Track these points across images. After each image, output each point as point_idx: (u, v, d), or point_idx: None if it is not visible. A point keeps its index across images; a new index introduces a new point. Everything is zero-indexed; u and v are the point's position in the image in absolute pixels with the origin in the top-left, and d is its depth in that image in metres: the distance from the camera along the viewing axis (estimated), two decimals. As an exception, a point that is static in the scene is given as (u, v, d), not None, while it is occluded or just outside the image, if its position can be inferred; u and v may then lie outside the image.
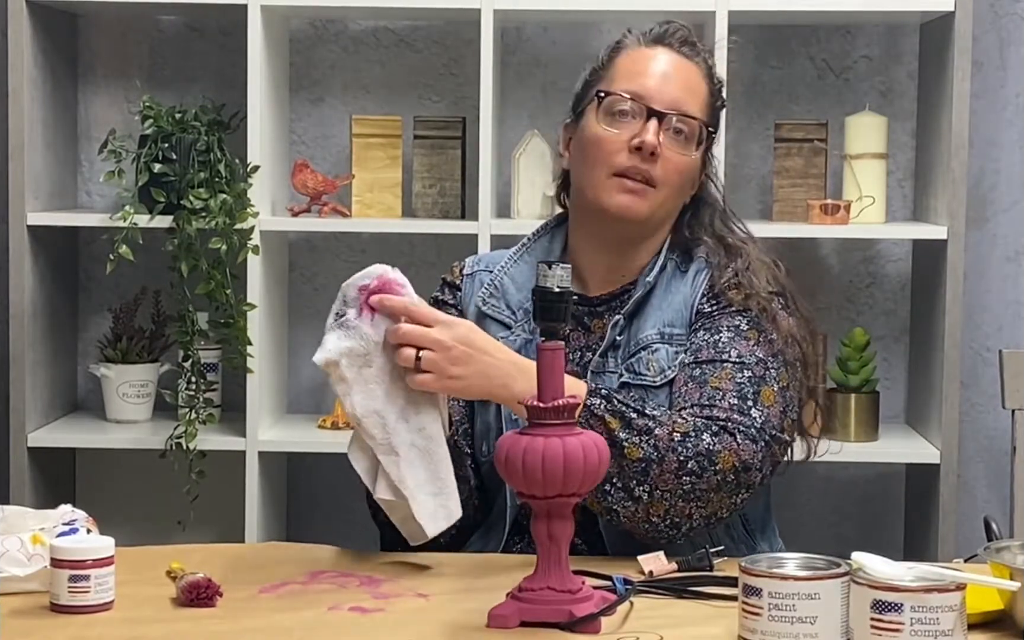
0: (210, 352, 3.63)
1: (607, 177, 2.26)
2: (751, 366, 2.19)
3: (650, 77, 2.29)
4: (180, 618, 1.88)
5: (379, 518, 2.23)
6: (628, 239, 2.31)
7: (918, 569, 1.73)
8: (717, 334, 2.23)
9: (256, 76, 3.48)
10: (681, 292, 2.29)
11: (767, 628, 1.73)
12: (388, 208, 3.61)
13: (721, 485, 2.11)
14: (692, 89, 2.31)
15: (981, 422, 3.84)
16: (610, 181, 2.26)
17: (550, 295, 1.86)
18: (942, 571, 1.72)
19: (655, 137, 2.25)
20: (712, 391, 2.16)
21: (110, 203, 3.67)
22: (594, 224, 2.32)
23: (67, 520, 2.01)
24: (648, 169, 2.25)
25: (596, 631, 1.81)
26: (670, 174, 2.27)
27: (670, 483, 2.09)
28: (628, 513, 2.11)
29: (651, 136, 2.25)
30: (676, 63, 2.31)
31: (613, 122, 2.28)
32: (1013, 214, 3.83)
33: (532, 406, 1.84)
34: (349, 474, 3.75)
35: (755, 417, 2.14)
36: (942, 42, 3.53)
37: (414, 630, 1.84)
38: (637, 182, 2.26)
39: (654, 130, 2.25)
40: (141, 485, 3.77)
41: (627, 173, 2.26)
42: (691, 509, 2.11)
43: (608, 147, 2.27)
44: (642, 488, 2.10)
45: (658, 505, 2.10)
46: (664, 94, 2.28)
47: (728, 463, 2.11)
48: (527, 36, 3.83)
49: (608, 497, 2.10)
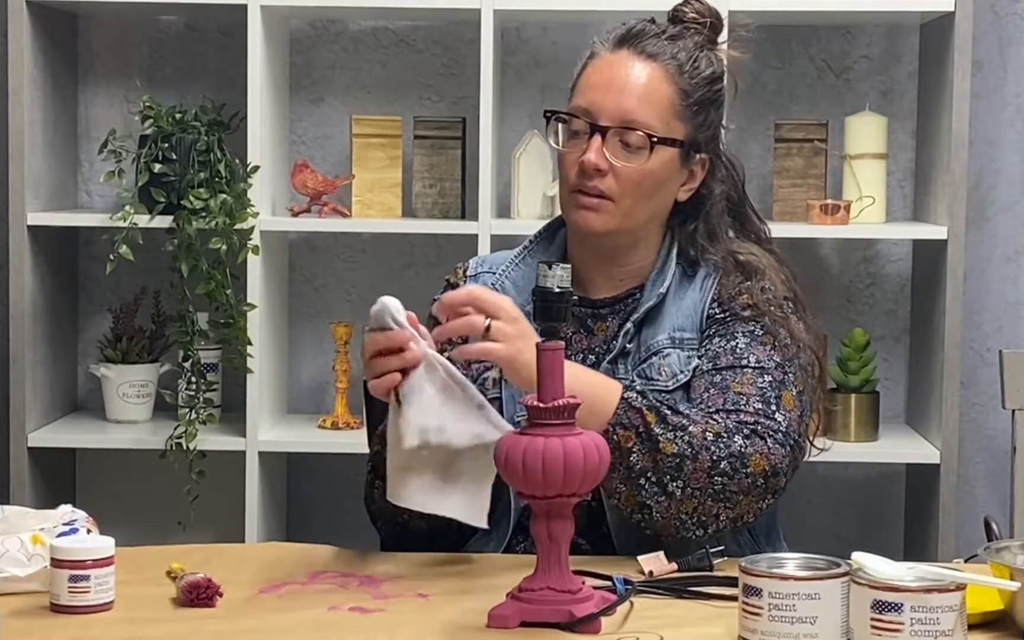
0: (210, 352, 3.63)
1: (568, 193, 2.27)
2: (770, 371, 2.19)
3: (599, 89, 2.26)
4: (180, 618, 1.88)
5: (405, 526, 2.22)
6: (611, 248, 2.30)
7: (918, 569, 1.73)
8: (733, 340, 2.22)
9: (256, 76, 3.48)
10: (690, 297, 2.28)
11: (767, 628, 1.72)
12: (388, 208, 3.62)
13: (751, 488, 2.10)
14: (644, 94, 2.24)
15: (981, 422, 3.84)
16: (570, 197, 2.27)
17: (550, 295, 1.85)
18: (942, 571, 1.72)
19: (596, 154, 2.22)
20: (735, 396, 2.16)
21: (110, 203, 3.67)
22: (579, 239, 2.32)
23: (67, 520, 2.01)
24: (597, 185, 2.24)
25: (596, 631, 1.81)
26: (625, 185, 2.24)
27: (702, 481, 2.09)
28: (661, 508, 2.10)
29: (591, 154, 2.23)
30: (631, 69, 2.26)
31: (568, 139, 2.27)
32: (1013, 214, 3.83)
33: (532, 406, 1.83)
34: (349, 474, 3.77)
35: (780, 421, 2.14)
36: (942, 42, 3.53)
37: (414, 630, 1.84)
38: (591, 198, 2.24)
39: (596, 147, 2.23)
40: (141, 485, 3.77)
41: (580, 189, 2.25)
42: (719, 510, 2.10)
43: (566, 165, 2.27)
44: (675, 484, 2.09)
45: (688, 502, 2.09)
46: (609, 106, 2.24)
47: (759, 467, 2.11)
48: (527, 36, 3.83)
49: (642, 491, 2.09)
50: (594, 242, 2.29)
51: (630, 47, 2.27)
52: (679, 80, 2.27)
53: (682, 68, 2.27)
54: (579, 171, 2.24)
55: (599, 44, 2.31)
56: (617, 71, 2.26)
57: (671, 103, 2.26)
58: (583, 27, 3.82)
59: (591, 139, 2.24)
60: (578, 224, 2.26)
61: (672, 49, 2.28)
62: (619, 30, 2.30)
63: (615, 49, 2.28)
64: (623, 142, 2.24)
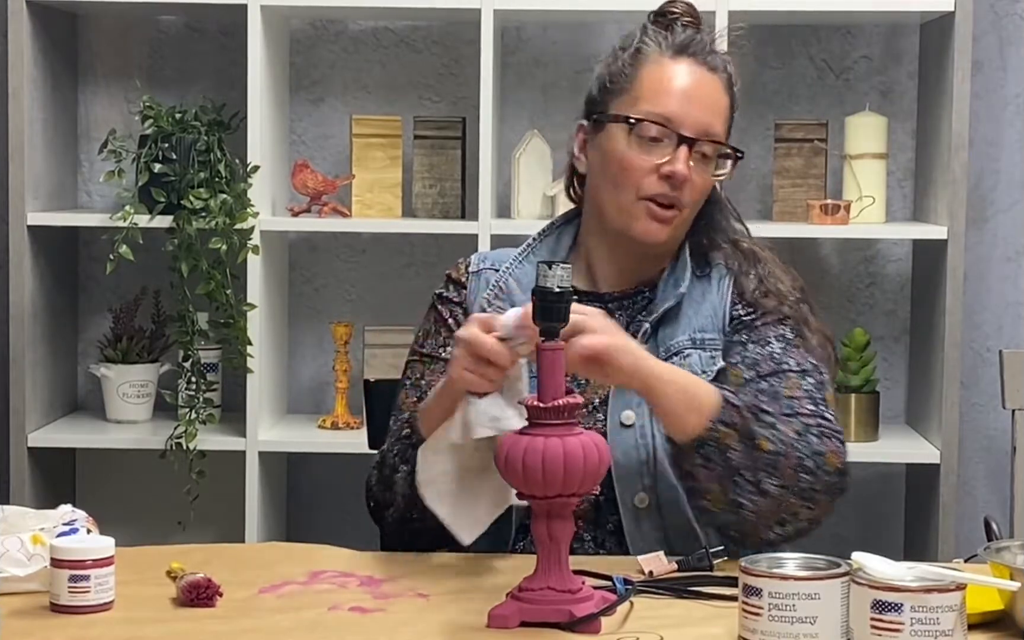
0: (210, 352, 3.63)
1: (634, 201, 2.23)
2: (811, 373, 2.20)
3: (678, 98, 2.23)
4: (180, 618, 1.88)
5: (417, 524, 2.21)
6: (644, 253, 2.29)
7: (918, 569, 1.73)
8: (767, 346, 2.22)
9: (256, 76, 3.48)
10: (708, 298, 2.28)
11: (767, 628, 1.72)
12: (388, 208, 3.62)
13: (828, 487, 2.12)
14: (717, 108, 2.25)
15: (981, 422, 3.84)
16: (637, 205, 2.23)
17: (550, 295, 1.85)
18: (942, 571, 1.72)
19: (686, 166, 2.21)
20: (788, 400, 2.16)
21: (110, 203, 3.67)
22: (611, 238, 2.29)
23: (67, 520, 2.01)
24: (676, 195, 2.22)
25: (596, 631, 1.81)
26: (695, 196, 2.24)
27: (790, 479, 2.09)
28: (754, 507, 2.09)
29: (682, 165, 2.20)
30: (701, 79, 2.25)
31: (642, 146, 2.22)
32: (1013, 214, 3.83)
33: (532, 406, 1.83)
34: (349, 474, 3.77)
35: (832, 420, 2.16)
36: (942, 42, 3.53)
37: (414, 630, 1.84)
38: (664, 208, 2.22)
39: (684, 158, 2.21)
40: (141, 485, 3.77)
41: (655, 198, 2.22)
42: (801, 508, 2.11)
43: (637, 173, 2.22)
44: (770, 481, 2.08)
45: (777, 499, 2.09)
46: (692, 117, 2.22)
47: (833, 465, 2.12)
48: (527, 36, 3.83)
49: (737, 488, 2.08)
50: (642, 248, 2.27)
51: (693, 57, 2.25)
52: (730, 92, 2.29)
53: (731, 80, 2.29)
54: (658, 180, 2.21)
55: (650, 45, 2.26)
56: (690, 81, 2.24)
57: (728, 114, 2.28)
58: (583, 27, 3.82)
59: (677, 150, 2.21)
60: (647, 234, 2.23)
61: (724, 61, 2.28)
62: (674, 36, 2.26)
63: (676, 57, 2.25)
64: (702, 154, 2.23)
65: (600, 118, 2.27)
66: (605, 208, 2.27)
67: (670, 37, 2.26)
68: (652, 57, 2.25)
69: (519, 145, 3.62)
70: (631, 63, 2.26)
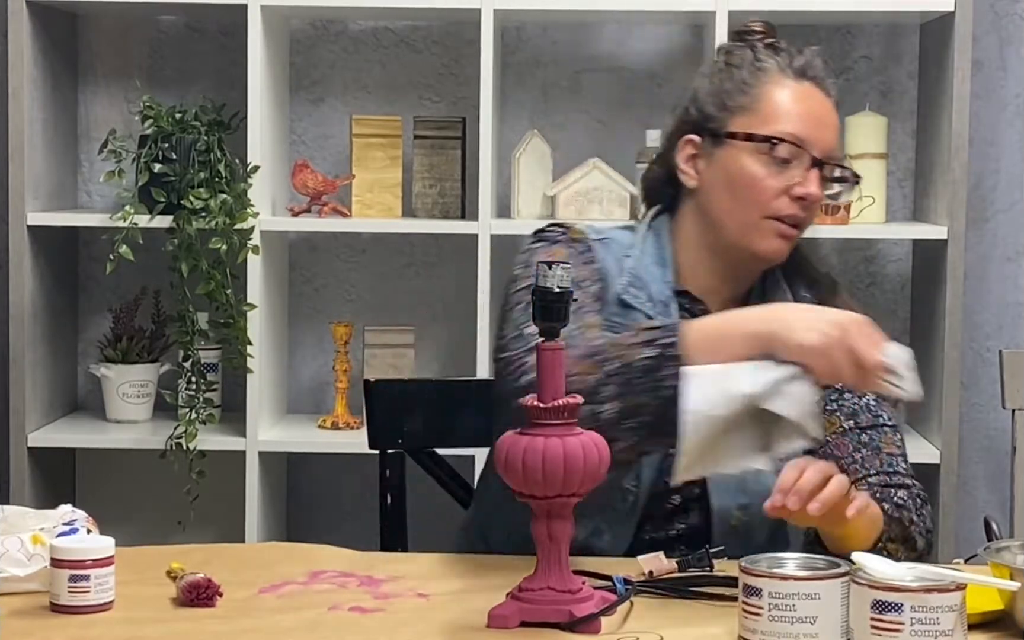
0: (210, 352, 3.63)
1: (760, 219, 2.22)
2: (898, 427, 2.27)
3: (808, 121, 2.23)
4: (180, 618, 1.88)
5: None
6: (751, 270, 2.30)
7: (918, 569, 1.73)
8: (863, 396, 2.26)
9: (256, 76, 3.48)
10: None
11: (767, 628, 1.72)
12: (388, 208, 3.61)
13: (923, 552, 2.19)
14: (837, 131, 2.28)
15: (981, 422, 3.84)
16: (764, 223, 2.22)
17: (550, 295, 1.85)
18: (942, 571, 1.72)
19: (819, 188, 2.22)
20: (888, 457, 2.22)
21: (110, 203, 3.67)
22: (719, 251, 2.27)
23: (67, 520, 2.01)
24: (804, 216, 2.24)
25: (596, 631, 1.81)
26: (813, 216, 2.26)
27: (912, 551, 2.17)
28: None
29: (815, 187, 2.22)
30: (824, 104, 2.26)
31: (774, 166, 2.21)
32: (1013, 214, 3.83)
33: (532, 406, 1.83)
34: (349, 474, 3.77)
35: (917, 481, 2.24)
36: (942, 42, 3.53)
37: (414, 630, 1.84)
38: (791, 227, 2.24)
39: (817, 180, 2.22)
40: (141, 485, 3.77)
41: (783, 218, 2.23)
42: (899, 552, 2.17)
43: (768, 192, 2.21)
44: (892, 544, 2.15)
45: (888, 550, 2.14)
46: (822, 140, 2.23)
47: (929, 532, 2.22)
48: (527, 36, 3.83)
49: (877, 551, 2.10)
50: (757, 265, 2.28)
51: (814, 81, 2.26)
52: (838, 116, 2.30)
53: (838, 104, 2.30)
54: (789, 201, 2.21)
55: (769, 64, 2.26)
56: (816, 104, 2.25)
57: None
58: (583, 27, 3.82)
59: (809, 171, 2.21)
60: (772, 252, 2.24)
61: (834, 86, 2.29)
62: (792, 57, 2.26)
63: (799, 79, 2.25)
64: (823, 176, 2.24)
65: (724, 135, 2.24)
66: (724, 224, 2.25)
67: (787, 58, 2.26)
68: (775, 77, 2.25)
69: (519, 145, 3.62)
70: (751, 81, 2.25)
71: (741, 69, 2.26)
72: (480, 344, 3.49)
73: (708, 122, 2.27)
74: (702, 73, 2.32)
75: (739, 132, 2.23)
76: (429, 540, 3.37)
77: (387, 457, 2.59)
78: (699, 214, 2.28)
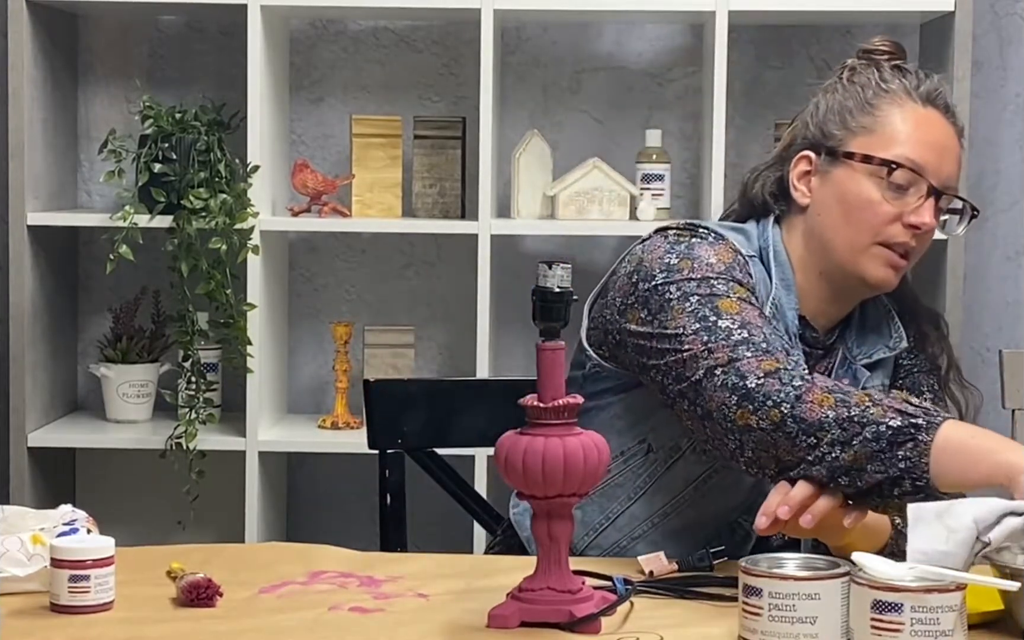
0: (210, 352, 3.63)
1: (871, 243, 2.18)
2: None
3: (931, 148, 2.18)
4: (180, 618, 1.88)
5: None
6: (858, 294, 2.27)
7: (918, 569, 1.73)
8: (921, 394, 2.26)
9: (256, 76, 3.48)
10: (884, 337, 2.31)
11: (767, 628, 1.72)
12: (388, 208, 3.62)
13: None
14: (959, 162, 2.22)
15: (981, 422, 3.82)
16: (875, 249, 2.18)
17: (550, 295, 1.85)
18: (942, 571, 1.72)
19: (934, 218, 2.18)
20: None
21: (110, 203, 3.67)
22: (830, 275, 2.23)
23: (67, 520, 2.00)
24: (916, 246, 2.20)
25: (596, 631, 1.80)
26: (925, 246, 2.22)
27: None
28: None
29: (930, 217, 2.17)
30: (948, 133, 2.21)
31: (891, 191, 2.17)
32: (1013, 214, 3.83)
33: (532, 406, 1.83)
34: (349, 474, 3.77)
35: None
36: (942, 42, 3.53)
37: (414, 630, 1.84)
38: (901, 258, 2.19)
39: (932, 210, 2.17)
40: (141, 485, 3.77)
41: (893, 246, 2.18)
42: None
43: (882, 218, 2.17)
44: None
45: None
46: (942, 171, 2.18)
47: None
48: (527, 36, 3.83)
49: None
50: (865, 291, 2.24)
51: (939, 108, 2.21)
52: (962, 144, 2.25)
53: (962, 133, 2.25)
54: (902, 228, 2.17)
55: (897, 87, 2.21)
56: (939, 132, 2.20)
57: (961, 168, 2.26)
58: (583, 27, 3.82)
59: (926, 200, 2.17)
60: (880, 279, 2.19)
61: (960, 116, 2.25)
62: (919, 81, 2.21)
63: (926, 105, 2.20)
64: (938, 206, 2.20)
65: (839, 153, 2.20)
66: (834, 245, 2.21)
67: (913, 80, 2.22)
68: (899, 100, 2.20)
69: (519, 145, 3.62)
70: (875, 102, 2.20)
71: (866, 89, 2.21)
72: (480, 344, 3.49)
73: (827, 140, 2.22)
74: (824, 88, 2.27)
75: (857, 152, 2.18)
76: (429, 540, 3.37)
77: (387, 457, 2.59)
78: (808, 235, 2.24)
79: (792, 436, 1.96)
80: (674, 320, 2.10)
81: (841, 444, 1.94)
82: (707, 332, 2.06)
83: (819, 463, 1.95)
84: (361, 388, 2.68)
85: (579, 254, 3.75)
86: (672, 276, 2.13)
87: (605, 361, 2.23)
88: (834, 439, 1.94)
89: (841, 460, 1.94)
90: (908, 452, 1.92)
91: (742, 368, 2.02)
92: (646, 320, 2.13)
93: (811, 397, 1.97)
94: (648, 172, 3.61)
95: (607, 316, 2.20)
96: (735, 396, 2.01)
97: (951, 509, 1.81)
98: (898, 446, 1.92)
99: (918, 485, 1.92)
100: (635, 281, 2.16)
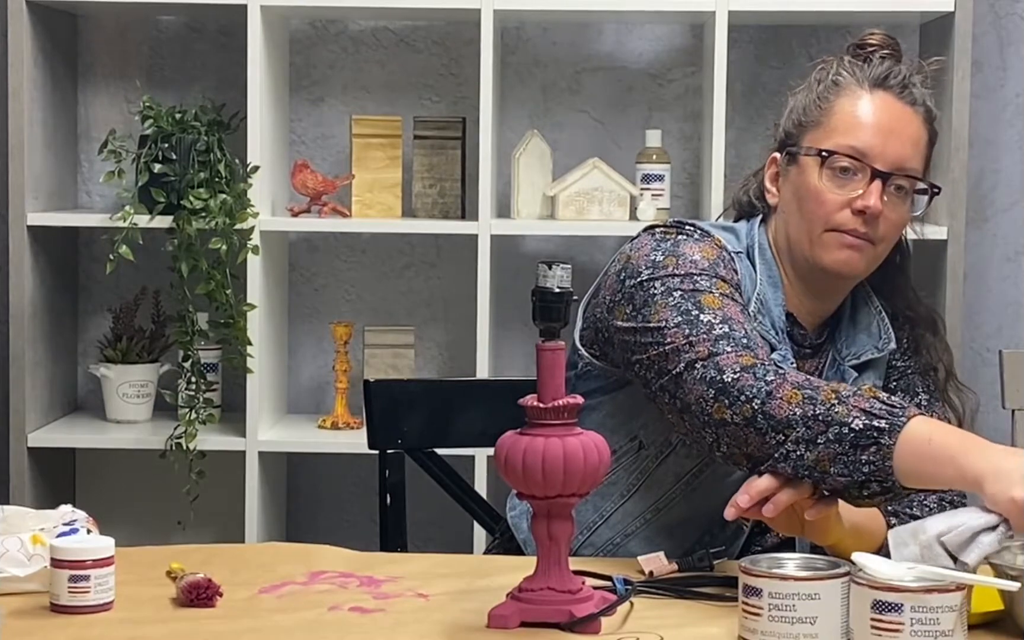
0: (210, 352, 3.63)
1: (822, 232, 2.21)
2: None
3: (873, 132, 2.20)
4: (180, 618, 1.88)
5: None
6: (838, 289, 2.28)
7: (918, 569, 1.73)
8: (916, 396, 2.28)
9: (256, 76, 3.48)
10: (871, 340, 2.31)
11: (767, 628, 1.72)
12: (388, 208, 3.62)
13: None
14: (914, 142, 2.22)
15: (981, 422, 3.82)
16: (827, 236, 2.20)
17: (550, 295, 1.85)
18: (942, 571, 1.72)
19: (878, 200, 2.18)
20: None
21: (110, 203, 3.67)
22: (801, 272, 2.26)
23: (67, 520, 2.00)
24: (868, 230, 2.20)
25: (596, 631, 1.80)
26: (889, 231, 2.22)
27: None
28: None
29: (874, 200, 2.18)
30: (899, 113, 2.22)
31: (834, 179, 2.20)
32: (1013, 214, 3.83)
33: (532, 406, 1.83)
34: (349, 474, 3.77)
35: None
36: (942, 42, 3.53)
37: (414, 630, 1.84)
38: (856, 239, 2.20)
39: (877, 193, 2.18)
40: (141, 485, 3.77)
41: (845, 232, 2.20)
42: None
43: (829, 206, 2.20)
44: None
45: None
46: (887, 152, 2.19)
47: None
48: (527, 36, 3.83)
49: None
50: (835, 282, 2.25)
51: (890, 90, 2.22)
52: (928, 126, 2.26)
53: (930, 114, 2.26)
54: (851, 214, 2.19)
55: (846, 77, 2.24)
56: (886, 115, 2.21)
57: (926, 149, 2.25)
58: (583, 27, 3.82)
59: (871, 184, 2.19)
60: (838, 264, 2.21)
61: (923, 94, 2.25)
62: (872, 68, 2.24)
63: (874, 89, 2.22)
64: (897, 187, 2.21)
65: (794, 151, 2.25)
66: (795, 239, 2.24)
67: (867, 69, 2.24)
68: (848, 89, 2.23)
69: (519, 145, 3.62)
70: (826, 96, 2.24)
71: (821, 84, 2.25)
72: (480, 344, 3.49)
73: (788, 140, 2.27)
74: (793, 90, 2.31)
75: (803, 147, 2.23)
76: (429, 540, 3.38)
77: (387, 457, 2.59)
78: (781, 232, 2.28)
79: (762, 432, 1.98)
80: (657, 314, 2.12)
81: (806, 442, 1.95)
82: (689, 326, 2.08)
83: (784, 461, 1.96)
84: (361, 388, 2.68)
85: (579, 254, 3.75)
86: (657, 272, 2.15)
87: (596, 360, 2.25)
88: (799, 437, 1.95)
89: (806, 458, 1.95)
90: (871, 456, 1.92)
91: (721, 362, 2.03)
92: (631, 315, 2.15)
93: (781, 394, 1.98)
94: (648, 172, 3.61)
95: (598, 315, 2.23)
96: (712, 390, 2.02)
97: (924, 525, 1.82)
98: (861, 449, 1.93)
99: (885, 487, 1.94)
100: (623, 279, 2.19)
